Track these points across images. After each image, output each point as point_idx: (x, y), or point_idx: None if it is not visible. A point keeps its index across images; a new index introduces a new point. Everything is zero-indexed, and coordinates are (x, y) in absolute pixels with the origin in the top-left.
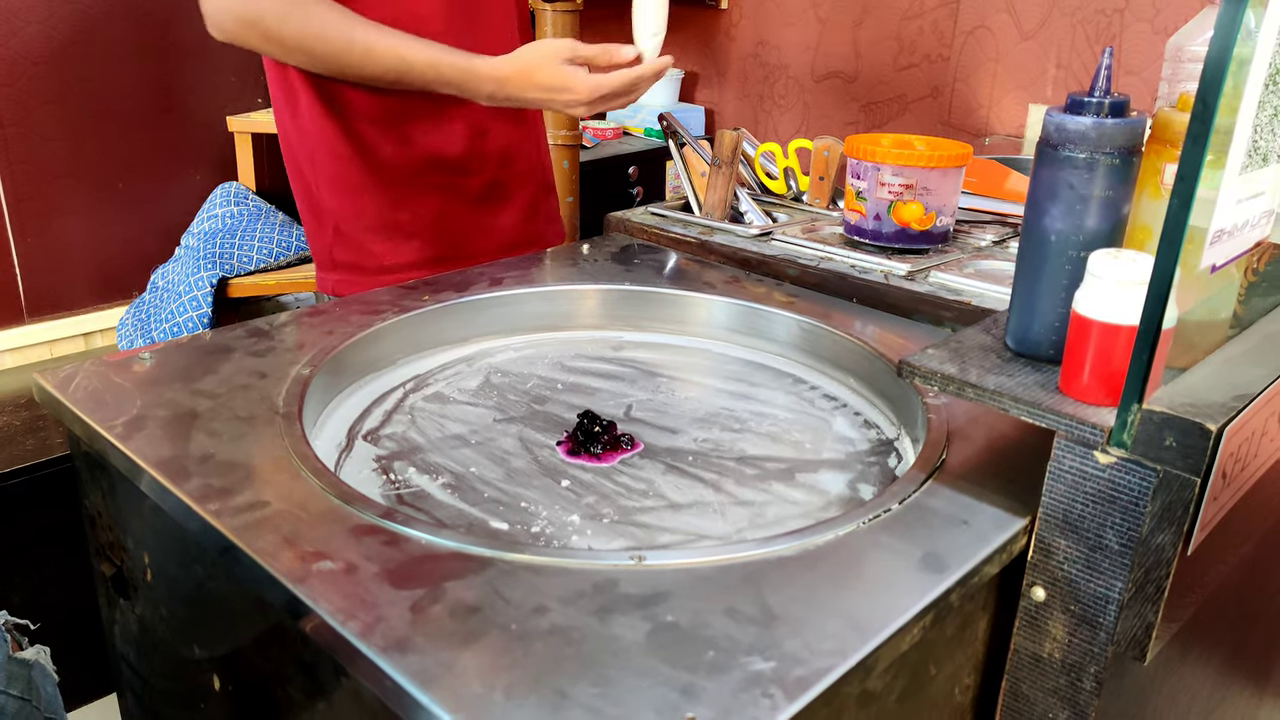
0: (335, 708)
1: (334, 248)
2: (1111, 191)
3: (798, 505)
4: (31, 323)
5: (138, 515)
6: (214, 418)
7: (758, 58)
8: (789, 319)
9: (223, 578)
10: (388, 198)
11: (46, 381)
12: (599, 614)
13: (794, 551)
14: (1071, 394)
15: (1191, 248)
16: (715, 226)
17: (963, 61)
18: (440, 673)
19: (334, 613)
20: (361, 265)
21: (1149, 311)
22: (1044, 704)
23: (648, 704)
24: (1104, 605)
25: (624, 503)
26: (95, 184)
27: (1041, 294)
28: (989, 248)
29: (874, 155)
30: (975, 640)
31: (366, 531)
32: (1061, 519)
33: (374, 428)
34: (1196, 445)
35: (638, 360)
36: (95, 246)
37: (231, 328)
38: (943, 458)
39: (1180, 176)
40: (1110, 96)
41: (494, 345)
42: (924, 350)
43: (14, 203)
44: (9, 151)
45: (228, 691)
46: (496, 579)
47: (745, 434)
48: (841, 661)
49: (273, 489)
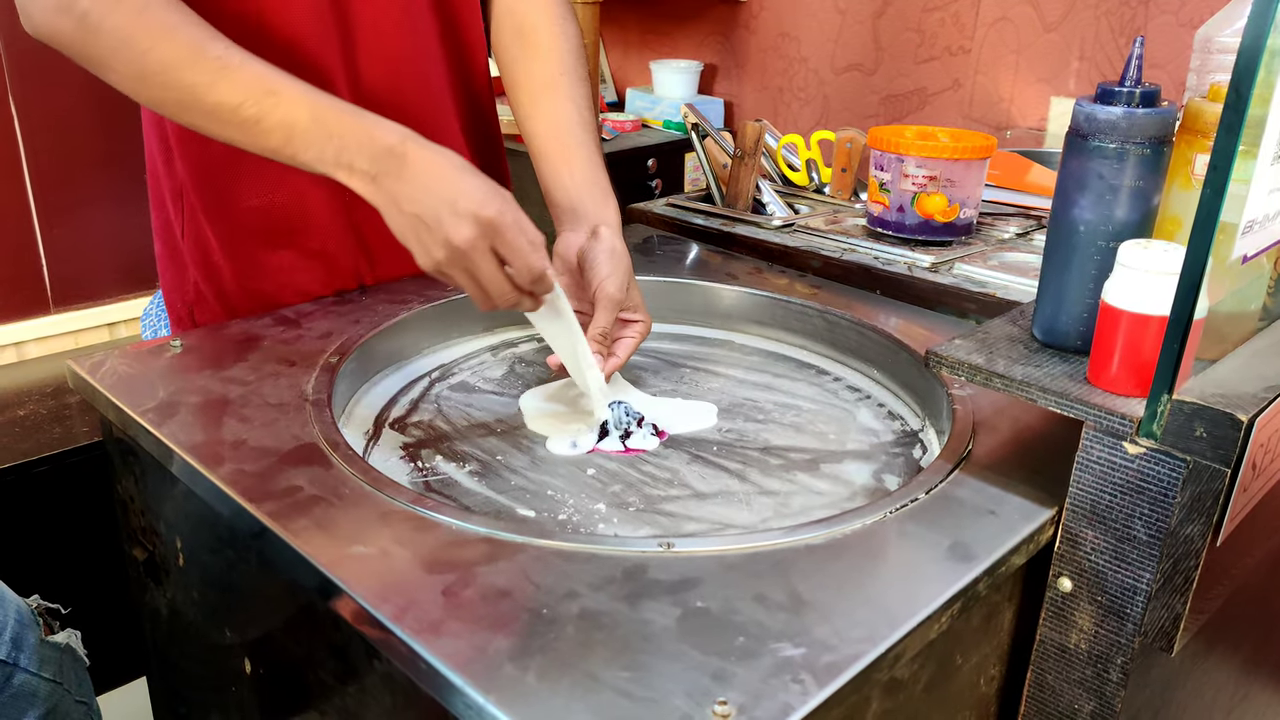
0: (367, 691)
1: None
2: (1142, 182)
3: (823, 495)
4: (57, 312)
5: (170, 500)
6: (244, 404)
7: (777, 50)
8: (812, 310)
9: (255, 562)
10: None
11: (80, 367)
12: (629, 599)
13: (822, 540)
14: (1100, 384)
15: (1223, 238)
16: (737, 218)
17: (984, 54)
18: (473, 655)
19: (367, 596)
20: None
21: (1180, 301)
22: (1069, 695)
23: (679, 688)
24: (1131, 596)
25: (649, 491)
26: (120, 174)
27: (1070, 284)
28: (1013, 240)
29: (898, 147)
30: (1001, 631)
31: (398, 517)
32: (1089, 510)
33: (401, 416)
34: (1227, 436)
35: (661, 351)
36: (120, 237)
37: (259, 317)
38: (969, 448)
39: (1213, 166)
40: (1141, 86)
41: (518, 335)
42: (951, 340)
43: (40, 193)
44: (35, 141)
45: (258, 675)
46: (527, 564)
47: (769, 425)
48: (871, 648)
49: (304, 475)
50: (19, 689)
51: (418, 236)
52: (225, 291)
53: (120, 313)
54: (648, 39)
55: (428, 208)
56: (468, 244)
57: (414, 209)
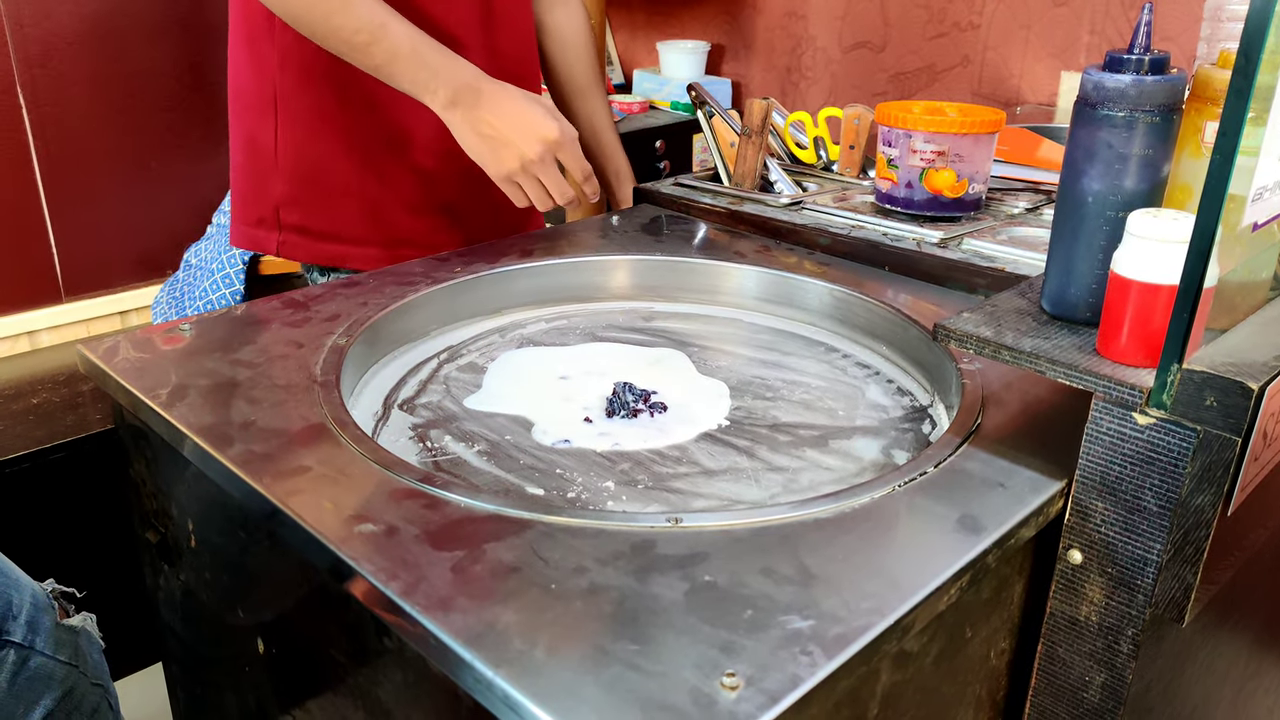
0: (378, 668)
1: (282, 207)
2: (1151, 150)
3: (831, 471)
4: (69, 302)
5: (181, 482)
6: (254, 386)
7: (785, 29)
8: (821, 287)
9: (266, 542)
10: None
11: (91, 353)
12: (637, 574)
13: (830, 514)
14: (1109, 355)
15: (1233, 205)
16: (745, 196)
17: (993, 29)
18: (482, 630)
19: (377, 573)
20: (324, 231)
21: (1190, 269)
22: (1080, 667)
23: (688, 660)
24: (1142, 567)
25: (658, 469)
26: (128, 164)
27: (1079, 256)
28: (1022, 215)
29: (906, 122)
30: (1011, 603)
31: (406, 495)
32: (1099, 481)
33: (409, 397)
34: (1238, 404)
35: (669, 330)
36: (130, 225)
37: (267, 299)
38: (978, 422)
39: (1222, 132)
40: (1150, 53)
41: (525, 316)
42: (959, 314)
43: (49, 183)
44: (44, 132)
45: (271, 655)
46: (535, 540)
47: (778, 402)
48: (880, 620)
49: (313, 455)
50: (35, 672)
51: (493, 153)
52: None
53: (131, 301)
54: (654, 20)
55: (500, 131)
56: (538, 156)
57: (489, 131)
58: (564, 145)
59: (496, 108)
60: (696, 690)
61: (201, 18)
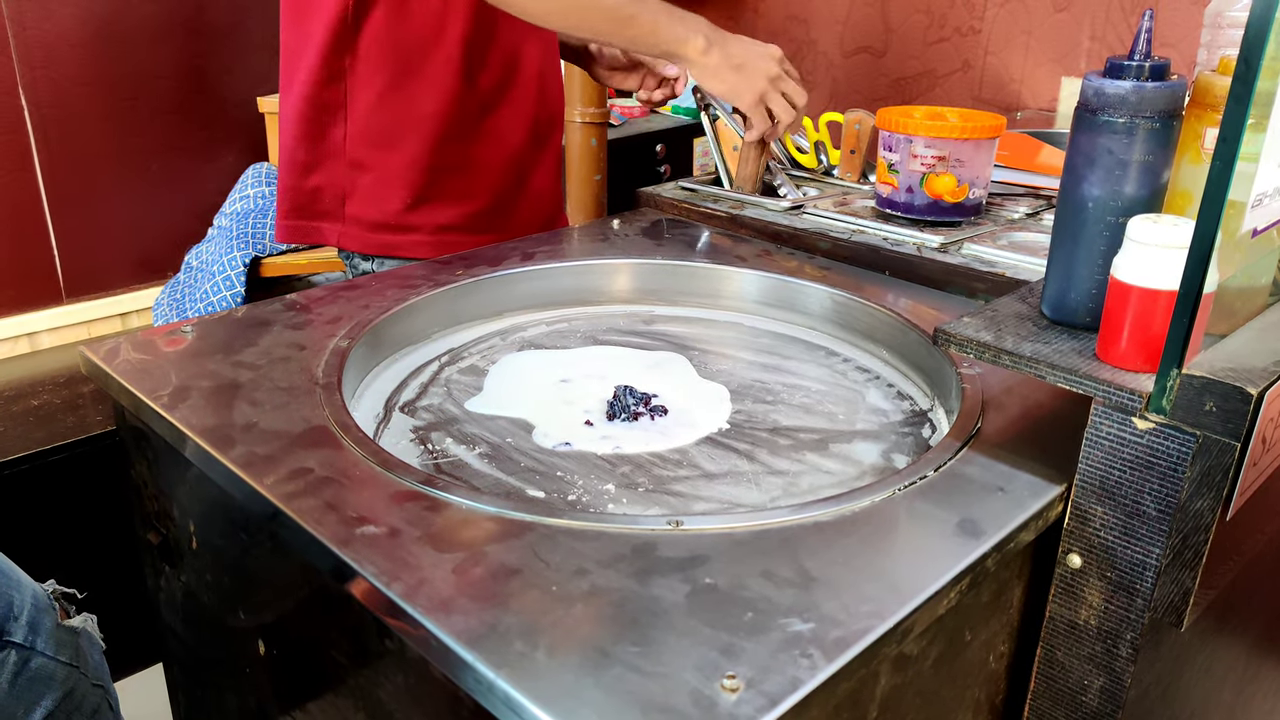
0: (379, 670)
1: (349, 198)
2: (1151, 156)
3: (832, 475)
4: (70, 303)
5: (183, 484)
6: (255, 388)
7: (786, 33)
8: (821, 292)
9: (267, 543)
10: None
11: (93, 354)
12: (638, 576)
13: (830, 517)
14: (1109, 360)
15: (1233, 211)
16: (746, 200)
17: (994, 34)
18: (484, 632)
19: (378, 575)
20: (378, 221)
21: (1190, 274)
22: (1079, 671)
23: (688, 663)
24: (1141, 571)
25: (658, 472)
26: (130, 165)
27: (1079, 261)
28: (1022, 220)
29: (906, 127)
30: (1010, 607)
31: (408, 497)
32: (1098, 485)
33: (411, 399)
34: (1237, 409)
35: (670, 334)
36: (131, 227)
37: (269, 301)
38: (978, 426)
39: (1223, 138)
40: (1150, 60)
41: (527, 319)
42: (959, 319)
43: (51, 185)
44: (46, 133)
45: (272, 657)
46: (536, 543)
47: (778, 406)
48: (879, 623)
49: (315, 457)
50: (36, 672)
51: (747, 80)
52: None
53: (132, 302)
54: None
55: (747, 59)
56: (777, 73)
57: (740, 60)
58: (784, 59)
59: (735, 42)
60: (697, 692)
61: (203, 20)
